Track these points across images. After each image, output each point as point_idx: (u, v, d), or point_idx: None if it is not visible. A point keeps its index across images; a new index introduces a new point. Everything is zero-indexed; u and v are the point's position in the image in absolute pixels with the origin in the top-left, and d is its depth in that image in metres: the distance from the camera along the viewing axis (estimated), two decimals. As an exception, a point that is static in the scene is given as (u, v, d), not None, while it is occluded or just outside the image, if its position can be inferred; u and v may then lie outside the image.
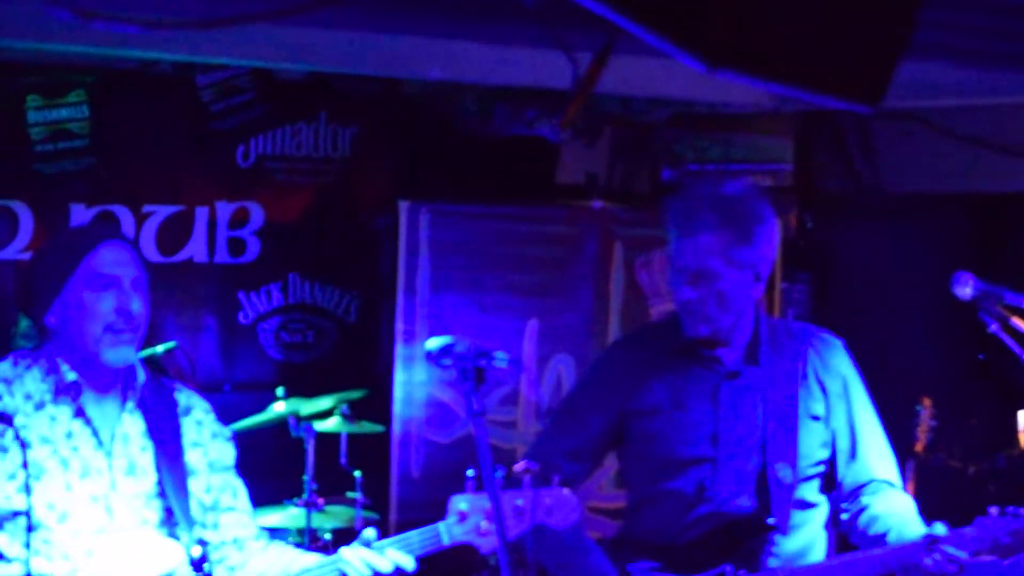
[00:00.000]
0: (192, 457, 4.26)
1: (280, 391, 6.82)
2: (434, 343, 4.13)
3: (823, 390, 4.72)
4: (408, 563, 4.13)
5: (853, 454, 4.73)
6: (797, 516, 4.67)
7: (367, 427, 6.99)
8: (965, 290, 4.93)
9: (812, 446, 4.67)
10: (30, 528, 3.99)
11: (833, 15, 2.84)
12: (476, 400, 4.02)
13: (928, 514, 6.97)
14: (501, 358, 4.08)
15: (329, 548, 6.40)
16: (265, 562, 4.29)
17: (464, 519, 4.18)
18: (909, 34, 2.98)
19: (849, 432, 4.73)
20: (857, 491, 4.73)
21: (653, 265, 8.08)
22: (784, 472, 4.59)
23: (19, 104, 7.13)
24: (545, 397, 7.84)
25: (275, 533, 4.39)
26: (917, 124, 8.17)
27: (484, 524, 4.17)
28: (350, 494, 6.84)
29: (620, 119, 8.43)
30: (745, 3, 2.72)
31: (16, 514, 3.99)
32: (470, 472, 4.21)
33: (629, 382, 4.78)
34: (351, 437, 6.96)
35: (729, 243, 4.55)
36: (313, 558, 4.23)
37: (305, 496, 6.69)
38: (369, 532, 4.15)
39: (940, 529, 4.49)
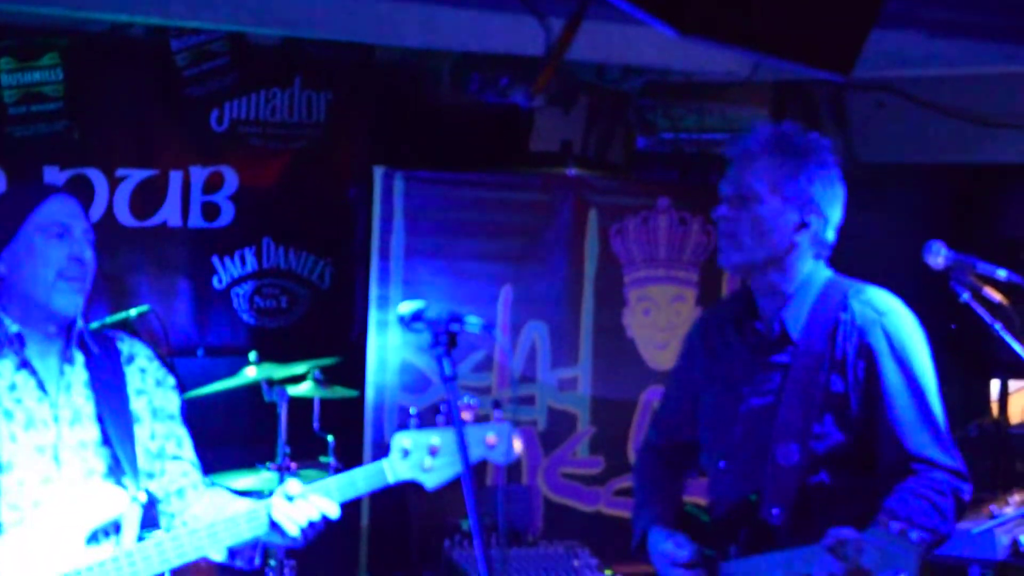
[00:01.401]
0: (137, 405, 4.29)
1: (253, 356, 6.82)
2: (406, 308, 4.12)
3: (847, 363, 4.37)
4: (332, 510, 4.13)
5: (878, 433, 4.34)
6: (815, 502, 4.39)
7: (340, 392, 7.00)
8: (937, 260, 4.95)
9: (830, 426, 4.37)
10: None
11: (805, -18, 2.86)
12: (449, 364, 4.03)
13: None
14: (473, 322, 4.08)
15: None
16: (201, 507, 4.31)
17: (407, 455, 4.20)
18: (880, 2, 2.99)
19: (876, 409, 4.34)
20: (890, 475, 4.32)
21: (627, 233, 8.09)
22: (787, 455, 4.36)
23: (-8, 67, 7.12)
24: (519, 363, 7.86)
25: (248, 496, 4.39)
26: (890, 94, 8.20)
27: (428, 461, 4.19)
28: (323, 458, 6.86)
29: (595, 87, 8.43)
30: (717, -30, 2.73)
31: None
32: (413, 410, 4.24)
33: (695, 354, 4.74)
34: (324, 402, 6.97)
35: (779, 170, 4.37)
36: (245, 504, 4.23)
37: (278, 460, 6.70)
38: (292, 487, 4.15)
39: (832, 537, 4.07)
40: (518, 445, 4.28)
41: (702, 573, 4.52)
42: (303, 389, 6.85)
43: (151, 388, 4.35)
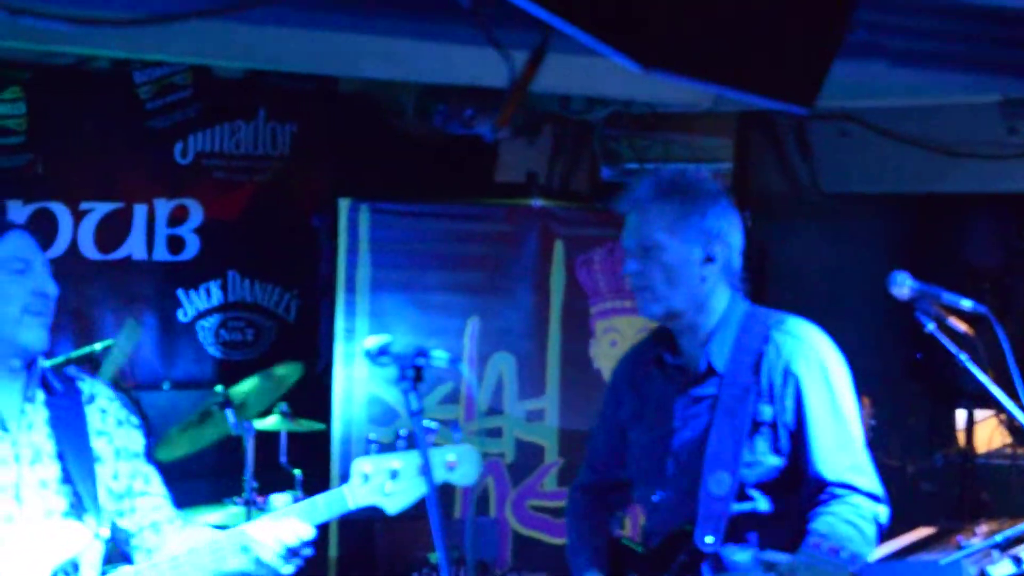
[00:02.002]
0: (97, 444, 4.27)
1: (219, 389, 6.80)
2: (372, 342, 4.11)
3: (772, 392, 4.48)
4: (306, 532, 4.14)
5: (804, 459, 4.44)
6: (750, 528, 4.48)
7: (307, 425, 6.97)
8: (902, 290, 4.94)
9: (760, 453, 4.47)
10: None
11: (766, 16, 2.85)
12: (415, 398, 4.03)
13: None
14: (440, 357, 4.08)
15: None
16: (180, 541, 4.28)
17: (367, 480, 4.22)
18: (842, 35, 2.99)
19: (800, 435, 4.45)
20: (814, 499, 4.45)
21: (593, 264, 8.10)
22: (718, 483, 4.44)
23: (-46, 101, 7.11)
24: (487, 395, 7.85)
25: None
26: (853, 124, 8.23)
27: (389, 485, 4.21)
28: (290, 492, 6.83)
29: (559, 118, 8.44)
30: (678, 3, 2.73)
31: None
32: (373, 435, 4.26)
33: (620, 392, 4.79)
34: (291, 435, 6.95)
35: (673, 214, 4.47)
36: (223, 535, 4.22)
37: (245, 494, 6.66)
38: (277, 499, 4.16)
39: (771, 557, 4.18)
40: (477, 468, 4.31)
41: None
42: (270, 423, 6.82)
43: (112, 428, 4.33)
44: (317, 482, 7.13)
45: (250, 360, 7.97)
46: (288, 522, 4.14)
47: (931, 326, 4.98)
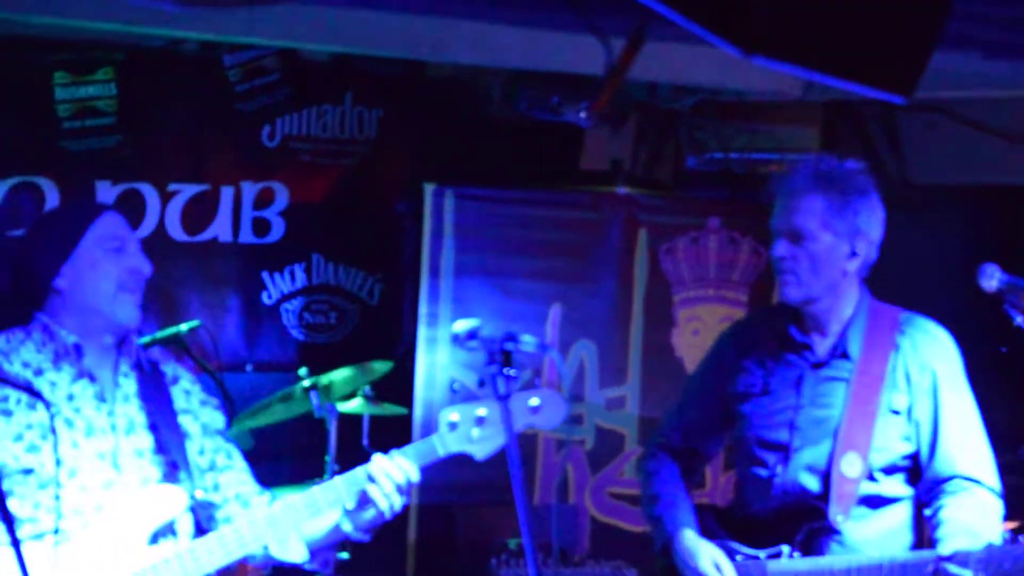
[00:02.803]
0: (184, 421, 4.38)
1: (303, 372, 6.83)
2: (461, 326, 4.16)
3: (909, 383, 4.71)
4: (414, 473, 4.21)
5: (934, 449, 4.67)
6: (870, 508, 4.70)
7: (389, 409, 7.00)
8: (991, 282, 4.91)
9: (891, 439, 4.69)
10: (39, 486, 4.10)
11: (868, 4, 2.84)
12: (503, 383, 4.06)
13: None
14: (528, 342, 4.13)
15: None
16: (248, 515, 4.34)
17: (455, 428, 4.26)
18: (943, 25, 2.98)
19: (932, 426, 4.69)
20: (938, 487, 4.67)
21: (677, 252, 8.08)
22: (850, 464, 4.62)
23: (47, 81, 7.16)
24: (566, 383, 7.84)
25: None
26: (942, 115, 8.16)
27: (476, 432, 4.25)
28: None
29: (645, 105, 8.41)
30: (782, -10, 2.72)
31: (26, 472, 4.10)
32: (456, 385, 4.32)
33: (731, 365, 4.94)
34: (373, 418, 6.98)
35: (828, 208, 4.66)
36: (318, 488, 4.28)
37: (327, 476, 6.70)
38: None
39: (948, 547, 4.45)
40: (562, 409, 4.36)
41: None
42: (353, 406, 6.85)
43: (196, 407, 4.45)
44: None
45: (333, 343, 8.00)
46: (399, 459, 4.21)
47: (1019, 319, 4.95)
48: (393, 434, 7.26)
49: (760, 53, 2.65)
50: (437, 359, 7.55)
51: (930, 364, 4.72)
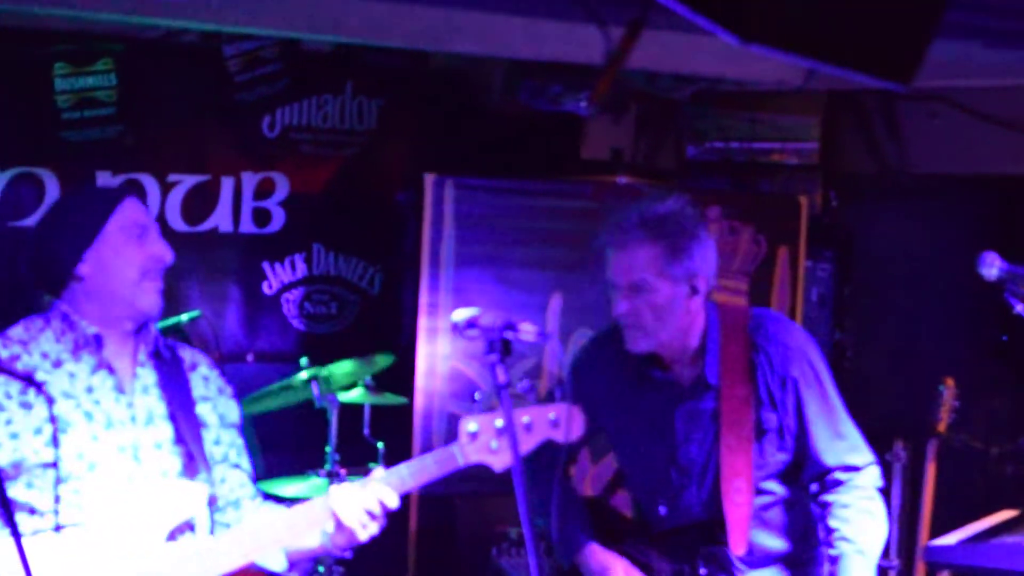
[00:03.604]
0: (202, 410, 4.37)
1: (304, 362, 6.83)
2: (461, 315, 4.17)
3: (773, 400, 4.80)
4: (391, 500, 4.20)
5: (806, 450, 4.81)
6: (765, 512, 4.85)
7: (390, 399, 7.01)
8: (991, 271, 4.92)
9: (768, 455, 4.81)
10: (59, 480, 4.07)
11: (867, -9, 2.84)
12: (502, 371, 4.07)
13: (950, 495, 6.98)
14: (528, 330, 4.13)
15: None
16: (256, 519, 4.36)
17: (475, 439, 4.27)
18: (942, 12, 2.97)
19: (803, 431, 4.80)
20: (818, 483, 4.85)
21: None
22: (738, 491, 4.71)
23: (47, 71, 7.14)
24: (567, 371, 7.84)
25: (296, 503, 4.42)
26: (943, 104, 8.16)
27: (495, 443, 4.27)
28: (372, 465, 6.86)
29: (645, 95, 8.42)
30: (780, -23, 2.72)
31: (45, 466, 4.08)
32: (477, 395, 4.34)
33: (593, 402, 4.89)
34: (374, 408, 6.99)
35: (661, 257, 4.69)
36: (301, 509, 4.28)
37: (328, 467, 6.71)
38: (377, 472, 4.23)
39: None
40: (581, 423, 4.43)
41: None
42: (353, 396, 6.86)
43: (214, 395, 4.43)
44: (399, 455, 7.15)
45: (333, 333, 8.01)
46: (376, 487, 4.20)
47: (1019, 308, 4.96)
48: (393, 424, 7.29)
49: (757, 41, 2.65)
50: (438, 349, 7.56)
51: (787, 374, 4.79)
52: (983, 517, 5.71)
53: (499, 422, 4.25)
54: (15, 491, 4.06)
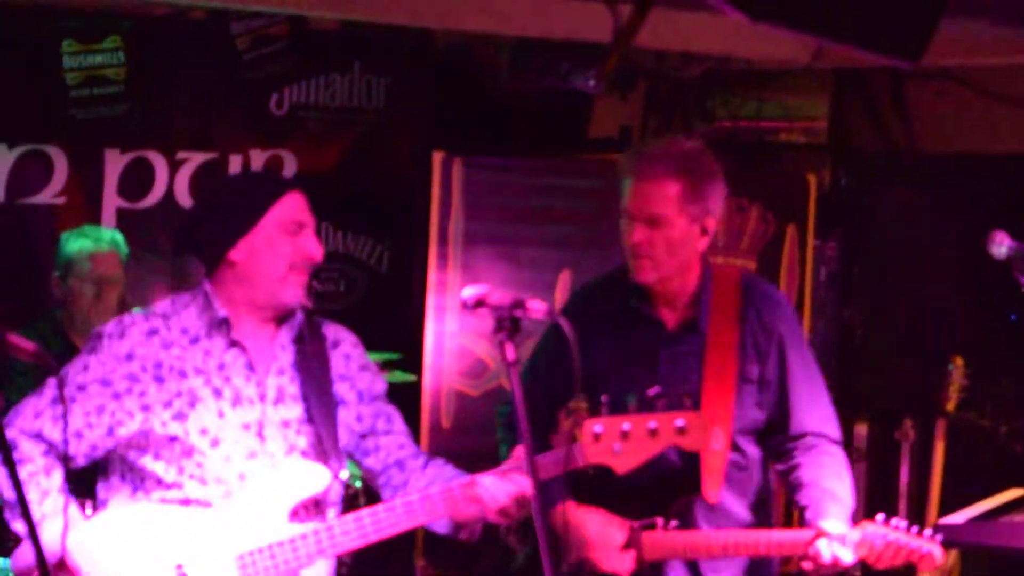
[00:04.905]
0: (340, 389, 4.43)
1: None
2: (469, 292, 4.16)
3: (758, 352, 4.85)
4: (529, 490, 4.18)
5: (784, 409, 4.86)
6: (735, 470, 4.86)
7: (399, 376, 7.01)
8: (1000, 249, 4.92)
9: (747, 407, 4.84)
10: (183, 453, 4.19)
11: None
12: (511, 349, 4.07)
13: (958, 473, 6.99)
14: (537, 308, 4.14)
15: (359, 497, 6.43)
16: (425, 480, 4.42)
17: (598, 440, 4.28)
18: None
19: (782, 388, 4.86)
20: (790, 444, 4.88)
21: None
22: (715, 438, 4.71)
23: (55, 49, 7.14)
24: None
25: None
26: (951, 83, 8.15)
27: (619, 445, 4.28)
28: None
29: (653, 73, 8.42)
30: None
31: (172, 440, 4.19)
32: (603, 398, 4.35)
33: (592, 340, 4.81)
34: (383, 386, 6.98)
35: (683, 193, 4.72)
36: (456, 485, 4.33)
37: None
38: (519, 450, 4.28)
39: (831, 527, 4.61)
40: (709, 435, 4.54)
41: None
42: (361, 373, 6.85)
43: (355, 373, 4.50)
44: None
45: (342, 311, 8.00)
46: (517, 477, 4.25)
47: (1029, 286, 4.96)
48: (402, 402, 7.25)
49: (767, 18, 2.65)
50: (446, 327, 7.56)
51: (774, 328, 4.86)
52: (991, 495, 5.70)
53: (625, 425, 4.26)
54: (144, 460, 4.21)
